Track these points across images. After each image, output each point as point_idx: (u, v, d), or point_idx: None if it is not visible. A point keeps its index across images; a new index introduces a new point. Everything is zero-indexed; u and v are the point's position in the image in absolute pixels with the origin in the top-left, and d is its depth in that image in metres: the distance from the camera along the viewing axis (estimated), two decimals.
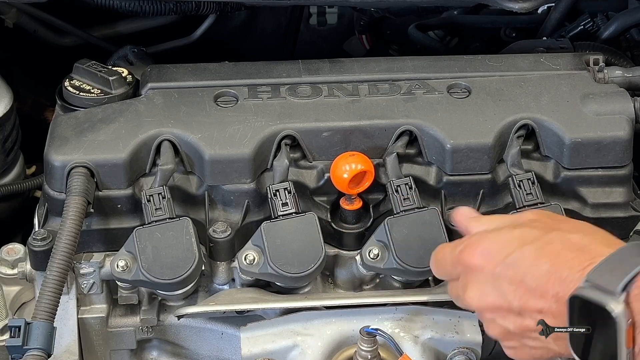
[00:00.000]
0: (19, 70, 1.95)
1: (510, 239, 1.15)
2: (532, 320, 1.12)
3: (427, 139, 1.41)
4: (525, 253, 1.13)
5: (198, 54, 1.85)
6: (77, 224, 1.29)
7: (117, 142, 1.37)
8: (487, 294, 1.15)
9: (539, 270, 1.10)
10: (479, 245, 1.17)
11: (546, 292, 1.09)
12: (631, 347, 1.02)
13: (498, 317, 1.16)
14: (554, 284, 1.09)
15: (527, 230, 1.16)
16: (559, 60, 1.55)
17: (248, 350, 1.36)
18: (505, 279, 1.13)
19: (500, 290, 1.14)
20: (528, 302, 1.11)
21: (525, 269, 1.12)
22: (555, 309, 1.09)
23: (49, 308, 1.23)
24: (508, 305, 1.13)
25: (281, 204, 1.36)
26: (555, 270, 1.09)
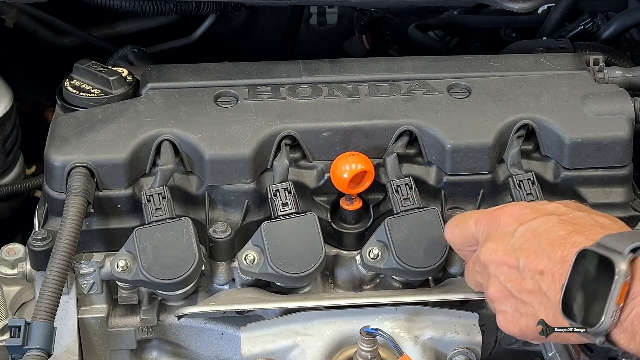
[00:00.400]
0: (19, 70, 1.95)
1: (541, 209, 1.21)
2: (531, 281, 1.15)
3: (427, 139, 1.41)
4: (550, 220, 1.18)
5: (198, 54, 1.85)
6: (77, 224, 1.29)
7: (117, 142, 1.37)
8: (500, 248, 1.19)
9: (555, 234, 1.15)
10: (511, 208, 1.23)
11: (554, 253, 1.13)
12: (620, 305, 1.05)
13: (501, 274, 1.19)
14: (564, 247, 1.13)
15: (559, 206, 1.21)
16: (559, 60, 1.55)
17: (248, 350, 1.36)
18: (522, 237, 1.18)
19: (513, 246, 1.18)
20: (532, 262, 1.15)
21: (544, 232, 1.16)
22: (557, 270, 1.12)
23: (49, 308, 1.23)
24: (514, 262, 1.17)
25: (281, 204, 1.36)
26: (570, 237, 1.14)
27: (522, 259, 1.16)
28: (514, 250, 1.18)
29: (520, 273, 1.16)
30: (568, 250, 1.12)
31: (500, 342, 1.51)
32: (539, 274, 1.14)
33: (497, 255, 1.19)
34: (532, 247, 1.16)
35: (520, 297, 1.17)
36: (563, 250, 1.13)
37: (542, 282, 1.14)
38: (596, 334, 1.07)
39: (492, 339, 1.49)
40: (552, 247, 1.14)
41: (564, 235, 1.15)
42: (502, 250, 1.19)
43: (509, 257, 1.18)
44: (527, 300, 1.16)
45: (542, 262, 1.14)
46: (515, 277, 1.17)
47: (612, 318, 1.06)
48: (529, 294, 1.16)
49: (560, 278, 1.12)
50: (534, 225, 1.18)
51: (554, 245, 1.14)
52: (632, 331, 1.05)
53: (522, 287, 1.16)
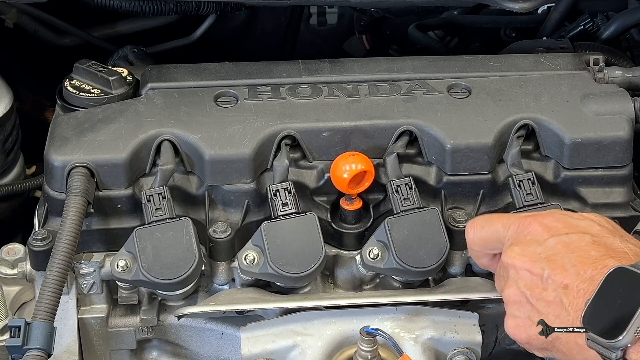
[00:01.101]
0: (19, 70, 1.95)
1: (575, 225, 1.20)
2: (553, 292, 1.14)
3: (427, 139, 1.41)
4: (583, 238, 1.16)
5: (198, 54, 1.85)
6: (77, 224, 1.29)
7: (117, 142, 1.37)
8: (525, 254, 1.18)
9: (588, 254, 1.14)
10: (544, 217, 1.22)
11: (584, 271, 1.12)
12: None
13: (521, 279, 1.18)
14: (596, 267, 1.12)
15: (593, 224, 1.20)
16: (559, 60, 1.55)
17: (248, 350, 1.36)
18: (552, 249, 1.16)
19: (540, 255, 1.17)
20: (558, 275, 1.14)
21: (575, 248, 1.15)
22: (583, 287, 1.11)
23: (49, 308, 1.23)
24: (538, 271, 1.16)
25: (281, 204, 1.36)
26: (602, 259, 1.13)
27: (548, 270, 1.15)
28: (540, 259, 1.16)
29: (543, 282, 1.15)
30: (599, 271, 1.11)
31: (500, 342, 1.51)
32: (563, 288, 1.13)
33: (522, 260, 1.18)
34: (560, 260, 1.15)
35: (537, 306, 1.15)
36: (594, 270, 1.12)
37: (565, 296, 1.13)
38: (614, 348, 1.06)
39: (492, 339, 1.49)
40: (582, 264, 1.13)
41: (597, 257, 1.13)
42: (528, 256, 1.18)
43: (534, 265, 1.17)
44: (543, 311, 1.15)
45: (568, 277, 1.13)
46: (537, 285, 1.16)
47: (636, 334, 1.05)
48: (547, 305, 1.14)
49: (586, 295, 1.10)
50: (566, 240, 1.17)
51: (584, 263, 1.13)
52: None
53: (542, 297, 1.15)
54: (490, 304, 1.46)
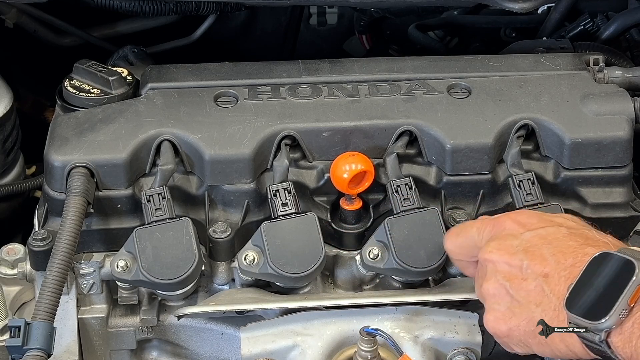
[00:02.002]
0: (19, 70, 1.95)
1: (549, 219, 1.20)
2: (534, 282, 1.13)
3: (427, 139, 1.41)
4: (559, 230, 1.17)
5: (198, 54, 1.85)
6: (77, 224, 1.29)
7: (117, 142, 1.37)
8: (502, 247, 1.18)
9: (566, 244, 1.14)
10: (517, 215, 1.22)
11: (564, 259, 1.12)
12: (632, 305, 1.05)
13: (500, 272, 1.17)
14: (576, 256, 1.12)
15: (567, 220, 1.21)
16: (559, 60, 1.55)
17: (248, 350, 1.36)
18: (528, 241, 1.16)
19: (517, 248, 1.16)
20: (538, 265, 1.14)
21: (553, 240, 1.15)
22: (565, 274, 1.11)
23: (49, 308, 1.23)
24: (517, 262, 1.16)
25: (281, 204, 1.36)
26: (581, 247, 1.13)
27: (527, 260, 1.15)
28: (517, 251, 1.16)
29: (522, 273, 1.15)
30: (580, 259, 1.11)
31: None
32: (543, 277, 1.13)
33: (499, 253, 1.18)
34: (539, 251, 1.15)
35: (517, 297, 1.15)
36: (574, 258, 1.12)
37: (546, 284, 1.12)
38: (598, 330, 1.06)
39: (492, 339, 1.49)
40: (562, 254, 1.13)
41: (575, 246, 1.13)
42: (504, 249, 1.18)
43: (511, 257, 1.16)
44: (524, 301, 1.15)
45: (548, 266, 1.13)
46: (516, 276, 1.16)
47: (620, 316, 1.05)
48: (527, 294, 1.14)
49: (567, 281, 1.10)
50: (542, 233, 1.17)
51: (564, 253, 1.13)
52: (630, 334, 1.05)
53: (522, 287, 1.15)
54: None
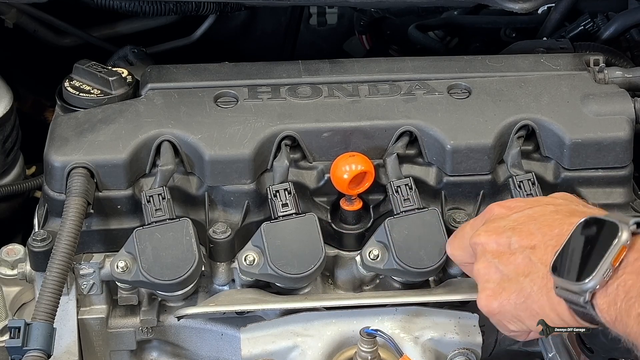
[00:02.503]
0: (19, 70, 1.95)
1: (537, 201, 1.22)
2: (521, 255, 1.15)
3: (427, 140, 1.41)
4: (546, 208, 1.18)
5: (198, 54, 1.84)
6: (77, 224, 1.29)
7: (117, 143, 1.37)
8: (490, 229, 1.19)
9: (553, 217, 1.16)
10: (506, 202, 1.25)
11: (551, 230, 1.14)
12: (615, 265, 1.05)
13: (489, 252, 1.19)
14: (562, 226, 1.13)
15: (555, 199, 1.23)
16: (559, 60, 1.55)
17: (248, 351, 1.36)
18: (515, 221, 1.18)
19: (504, 227, 1.18)
20: (525, 239, 1.15)
21: (539, 216, 1.17)
22: (551, 243, 1.12)
23: (49, 309, 1.23)
24: (505, 240, 1.17)
25: (281, 205, 1.36)
26: (567, 218, 1.14)
27: (515, 237, 1.16)
28: (505, 230, 1.18)
29: (510, 248, 1.16)
30: (566, 228, 1.12)
31: (501, 342, 1.51)
32: (531, 249, 1.14)
33: (487, 235, 1.19)
34: (526, 227, 1.16)
35: (506, 272, 1.16)
36: (561, 228, 1.13)
37: (533, 254, 1.14)
38: (582, 291, 1.06)
39: (492, 339, 1.49)
40: (548, 227, 1.15)
41: (561, 218, 1.15)
42: (492, 230, 1.19)
43: (499, 236, 1.18)
44: (512, 275, 1.15)
45: (535, 239, 1.14)
46: (504, 253, 1.17)
47: (604, 276, 1.05)
48: (516, 267, 1.15)
49: (554, 249, 1.11)
50: (529, 212, 1.19)
51: (550, 225, 1.15)
52: (614, 297, 1.05)
53: (510, 261, 1.16)
54: None
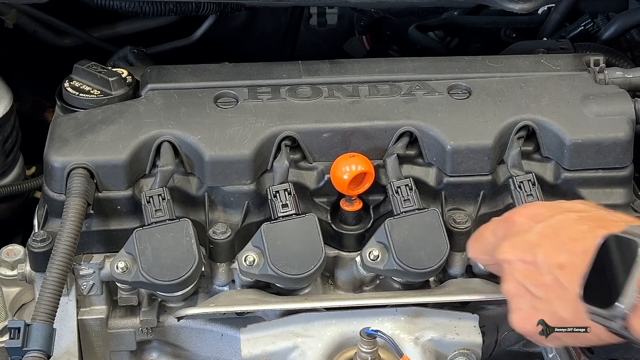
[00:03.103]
0: (19, 70, 1.95)
1: (558, 206, 1.22)
2: (550, 275, 1.14)
3: (427, 140, 1.41)
4: (568, 217, 1.18)
5: (198, 54, 1.84)
6: (77, 225, 1.29)
7: (117, 143, 1.37)
8: (515, 245, 1.19)
9: (576, 229, 1.15)
10: (526, 208, 1.24)
11: (576, 247, 1.13)
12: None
13: (517, 271, 1.18)
14: (586, 240, 1.12)
15: (576, 204, 1.22)
16: (559, 61, 1.55)
17: (248, 351, 1.36)
18: (539, 234, 1.17)
19: (530, 243, 1.17)
20: (551, 256, 1.14)
21: (562, 227, 1.16)
22: (578, 263, 1.11)
23: (49, 309, 1.23)
24: (531, 258, 1.16)
25: (281, 205, 1.36)
26: (592, 230, 1.13)
27: (540, 255, 1.15)
28: (530, 247, 1.17)
29: (538, 268, 1.15)
30: (590, 242, 1.10)
31: (501, 343, 1.51)
32: (559, 268, 1.13)
33: (513, 252, 1.18)
34: (551, 242, 1.15)
35: (537, 293, 1.16)
36: (584, 243, 1.12)
37: (562, 275, 1.13)
38: (614, 317, 1.06)
39: (493, 340, 1.49)
40: (573, 241, 1.13)
41: (586, 230, 1.14)
42: (518, 247, 1.18)
43: (525, 254, 1.17)
44: (544, 296, 1.15)
45: (562, 256, 1.13)
46: (532, 272, 1.16)
47: (633, 299, 1.04)
48: (546, 289, 1.14)
49: (581, 269, 1.10)
50: (551, 222, 1.17)
51: (575, 240, 1.13)
52: None
53: (540, 282, 1.15)
54: (490, 306, 1.46)
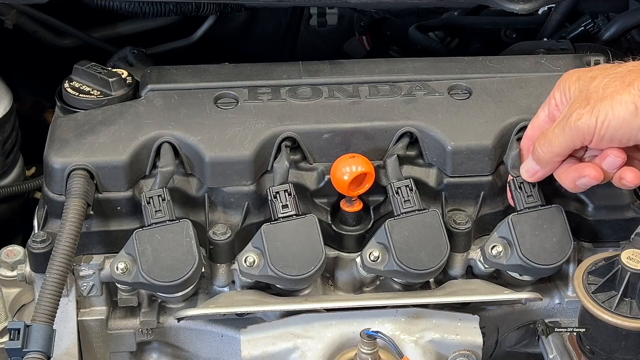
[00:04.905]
0: (19, 71, 1.95)
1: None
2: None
3: (427, 141, 1.41)
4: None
5: (198, 55, 1.85)
6: (77, 226, 1.29)
7: (117, 144, 1.37)
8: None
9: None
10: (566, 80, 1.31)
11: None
12: None
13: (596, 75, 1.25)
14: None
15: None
16: (559, 61, 1.55)
17: (248, 352, 1.36)
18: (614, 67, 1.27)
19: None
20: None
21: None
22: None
23: (49, 310, 1.23)
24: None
25: (281, 206, 1.36)
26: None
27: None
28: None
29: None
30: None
31: (501, 344, 1.51)
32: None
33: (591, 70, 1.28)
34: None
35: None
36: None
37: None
38: None
39: (493, 341, 1.49)
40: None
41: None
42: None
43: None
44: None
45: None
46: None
47: None
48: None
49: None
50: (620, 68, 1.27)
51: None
52: None
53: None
54: (491, 306, 1.46)
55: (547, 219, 1.36)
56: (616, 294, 1.27)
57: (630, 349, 1.30)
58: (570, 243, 1.35)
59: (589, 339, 1.33)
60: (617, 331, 1.28)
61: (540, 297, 1.41)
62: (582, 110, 1.23)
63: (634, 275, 1.26)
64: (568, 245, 1.35)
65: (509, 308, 1.47)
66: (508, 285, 1.44)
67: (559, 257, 1.34)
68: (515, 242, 1.34)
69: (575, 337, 1.39)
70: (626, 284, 1.27)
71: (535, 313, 1.48)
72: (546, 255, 1.34)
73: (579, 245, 1.44)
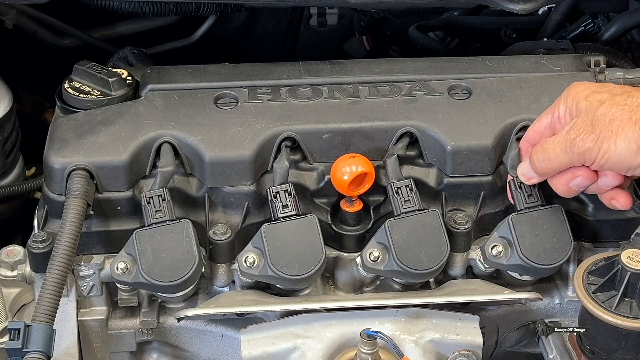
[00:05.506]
0: (19, 71, 1.95)
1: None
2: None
3: (427, 141, 1.41)
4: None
5: (198, 55, 1.84)
6: (77, 226, 1.29)
7: (117, 145, 1.37)
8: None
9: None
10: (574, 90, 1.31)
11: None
12: None
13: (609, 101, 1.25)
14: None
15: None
16: (559, 61, 1.55)
17: (248, 352, 1.36)
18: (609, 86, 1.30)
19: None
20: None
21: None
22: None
23: (49, 310, 1.23)
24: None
25: (281, 206, 1.36)
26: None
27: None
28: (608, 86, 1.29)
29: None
30: None
31: (501, 344, 1.51)
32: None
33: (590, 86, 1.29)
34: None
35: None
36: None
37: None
38: None
39: (493, 341, 1.49)
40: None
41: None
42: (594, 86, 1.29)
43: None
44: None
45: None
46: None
47: None
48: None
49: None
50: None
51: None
52: None
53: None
54: (491, 306, 1.46)
55: (547, 219, 1.36)
56: (616, 294, 1.27)
57: (630, 349, 1.30)
58: (570, 243, 1.35)
59: (589, 339, 1.33)
60: (617, 331, 1.28)
61: (540, 297, 1.41)
62: (587, 137, 1.24)
63: (634, 275, 1.26)
64: (568, 245, 1.35)
65: (509, 308, 1.47)
66: (508, 285, 1.44)
67: (559, 257, 1.34)
68: (515, 242, 1.34)
69: (575, 337, 1.39)
70: (626, 284, 1.27)
71: (535, 313, 1.48)
72: (546, 255, 1.34)
73: (579, 245, 1.45)
